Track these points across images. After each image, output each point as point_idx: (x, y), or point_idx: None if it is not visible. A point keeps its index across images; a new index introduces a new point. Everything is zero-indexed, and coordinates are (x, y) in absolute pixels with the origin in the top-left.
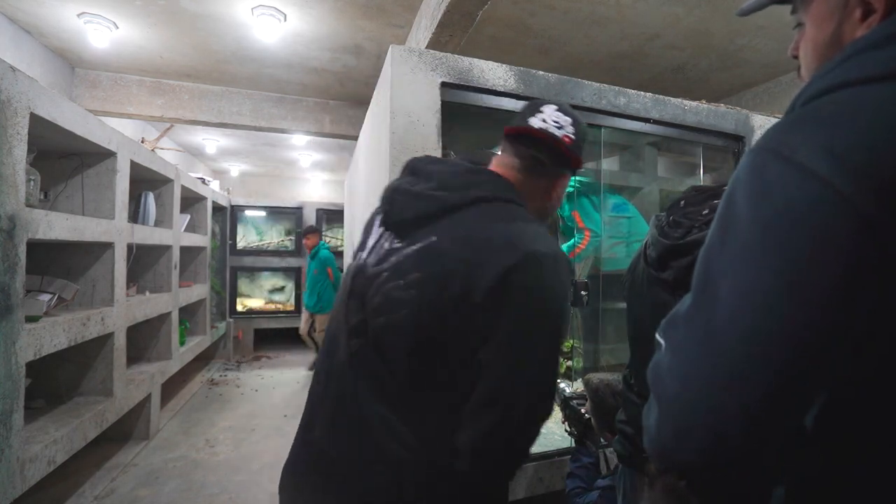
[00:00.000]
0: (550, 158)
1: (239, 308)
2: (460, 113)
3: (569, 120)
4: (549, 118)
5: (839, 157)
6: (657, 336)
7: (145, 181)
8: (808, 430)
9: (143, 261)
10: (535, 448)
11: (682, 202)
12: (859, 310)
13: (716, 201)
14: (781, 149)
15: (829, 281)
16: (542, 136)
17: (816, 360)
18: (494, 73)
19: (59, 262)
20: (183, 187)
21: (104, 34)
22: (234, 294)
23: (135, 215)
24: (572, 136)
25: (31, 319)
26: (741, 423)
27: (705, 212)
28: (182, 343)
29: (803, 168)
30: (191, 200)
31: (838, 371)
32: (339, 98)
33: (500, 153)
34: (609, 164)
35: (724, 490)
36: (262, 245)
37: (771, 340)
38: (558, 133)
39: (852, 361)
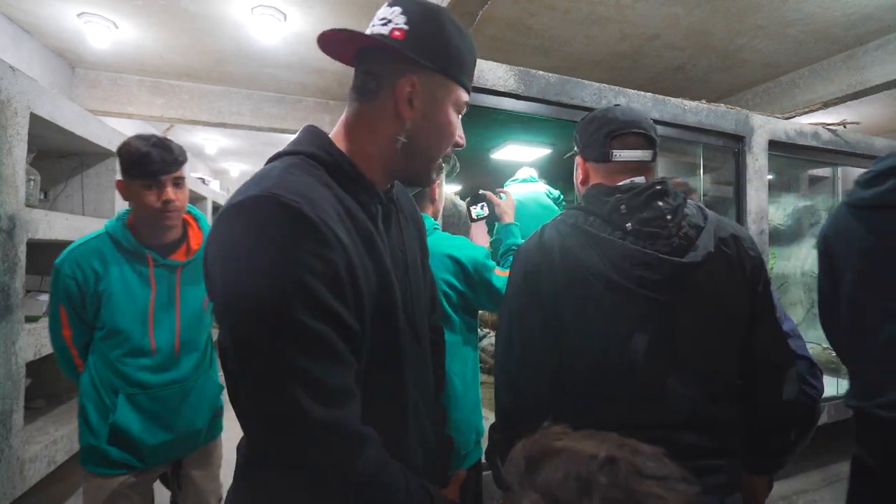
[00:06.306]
0: (379, 64)
1: None
2: None
3: (397, 10)
4: (375, 20)
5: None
6: None
7: None
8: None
9: None
10: None
11: (623, 207)
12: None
13: (660, 202)
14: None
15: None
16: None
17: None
18: (494, 73)
19: None
20: None
21: (104, 34)
22: None
23: None
24: (404, 27)
25: (31, 319)
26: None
27: (669, 216)
28: None
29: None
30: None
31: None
32: (339, 98)
33: None
34: None
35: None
36: None
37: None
38: (384, 30)
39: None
